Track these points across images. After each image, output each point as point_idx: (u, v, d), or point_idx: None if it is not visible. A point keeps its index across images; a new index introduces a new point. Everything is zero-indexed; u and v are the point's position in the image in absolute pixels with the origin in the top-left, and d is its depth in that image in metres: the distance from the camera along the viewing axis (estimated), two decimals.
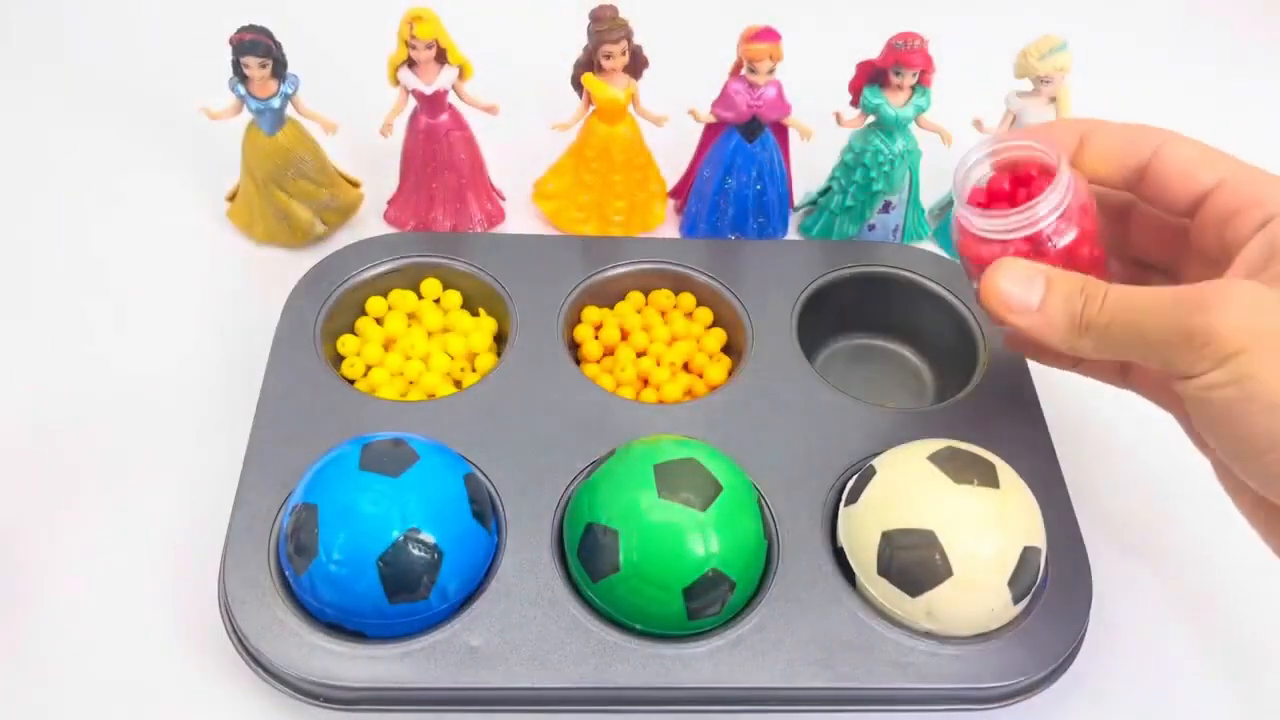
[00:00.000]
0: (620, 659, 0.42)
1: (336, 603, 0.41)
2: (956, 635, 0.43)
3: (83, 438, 0.52)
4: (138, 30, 0.76)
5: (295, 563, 0.42)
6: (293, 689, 0.42)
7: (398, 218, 0.62)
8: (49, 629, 0.46)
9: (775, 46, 0.55)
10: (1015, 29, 0.58)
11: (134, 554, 0.48)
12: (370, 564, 0.40)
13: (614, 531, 0.42)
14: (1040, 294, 0.37)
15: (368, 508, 0.41)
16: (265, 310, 0.55)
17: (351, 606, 0.41)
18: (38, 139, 0.68)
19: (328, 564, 0.41)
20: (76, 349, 0.56)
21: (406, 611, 0.41)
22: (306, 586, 0.42)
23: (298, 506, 0.42)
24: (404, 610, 0.41)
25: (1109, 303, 0.35)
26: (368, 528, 0.41)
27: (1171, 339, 0.33)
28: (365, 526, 0.41)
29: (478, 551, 0.43)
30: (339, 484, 0.42)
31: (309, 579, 0.41)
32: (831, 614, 0.44)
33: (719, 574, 0.42)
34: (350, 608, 0.41)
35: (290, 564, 0.42)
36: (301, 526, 0.42)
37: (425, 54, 0.55)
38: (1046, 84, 0.56)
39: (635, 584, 0.42)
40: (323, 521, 0.41)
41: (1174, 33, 0.84)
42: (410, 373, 0.54)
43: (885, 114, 0.57)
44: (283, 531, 0.43)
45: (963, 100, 0.58)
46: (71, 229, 0.62)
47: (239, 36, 0.53)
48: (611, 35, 0.55)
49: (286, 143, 0.58)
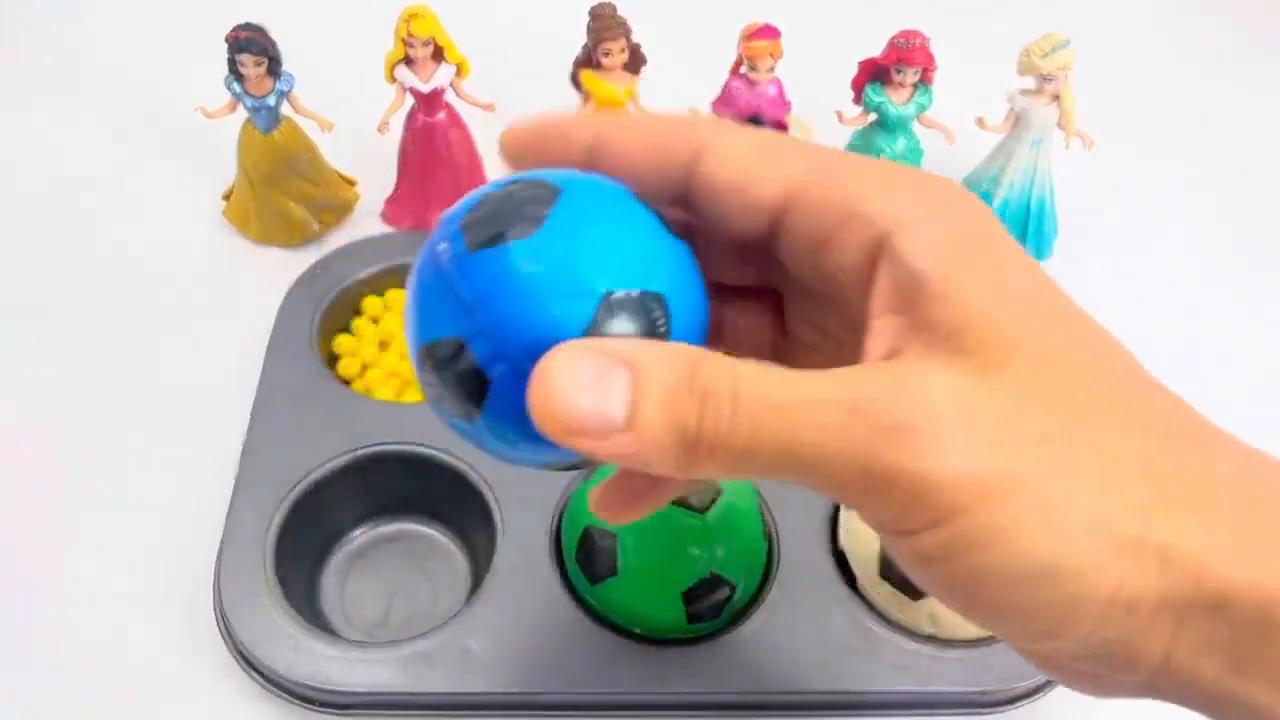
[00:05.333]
0: (619, 663, 0.42)
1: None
2: (959, 639, 0.43)
3: (77, 438, 0.52)
4: (134, 28, 0.76)
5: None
6: (289, 694, 0.42)
7: (395, 217, 0.62)
8: (42, 634, 0.45)
9: (775, 44, 0.54)
10: (1018, 27, 0.58)
11: (127, 556, 0.48)
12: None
13: (612, 534, 0.42)
14: (624, 399, 0.20)
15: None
16: (261, 310, 0.54)
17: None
18: (34, 138, 0.68)
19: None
20: (71, 348, 0.56)
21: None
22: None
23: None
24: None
25: (744, 409, 0.20)
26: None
27: (857, 482, 0.20)
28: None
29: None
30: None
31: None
32: (832, 618, 0.43)
33: (719, 577, 0.41)
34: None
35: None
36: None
37: (422, 51, 0.54)
38: (1049, 82, 0.56)
39: (634, 588, 0.41)
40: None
41: (1176, 31, 0.84)
42: (406, 373, 0.53)
43: (887, 112, 0.57)
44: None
45: (965, 99, 0.58)
46: (67, 228, 0.62)
47: (234, 34, 0.53)
48: (610, 33, 0.54)
49: (282, 141, 0.57)
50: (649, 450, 0.20)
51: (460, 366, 0.22)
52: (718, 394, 0.20)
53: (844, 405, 0.20)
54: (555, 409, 0.20)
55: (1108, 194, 0.65)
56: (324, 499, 0.47)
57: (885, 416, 0.20)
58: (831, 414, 0.20)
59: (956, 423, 0.20)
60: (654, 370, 0.20)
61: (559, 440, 0.20)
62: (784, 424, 0.20)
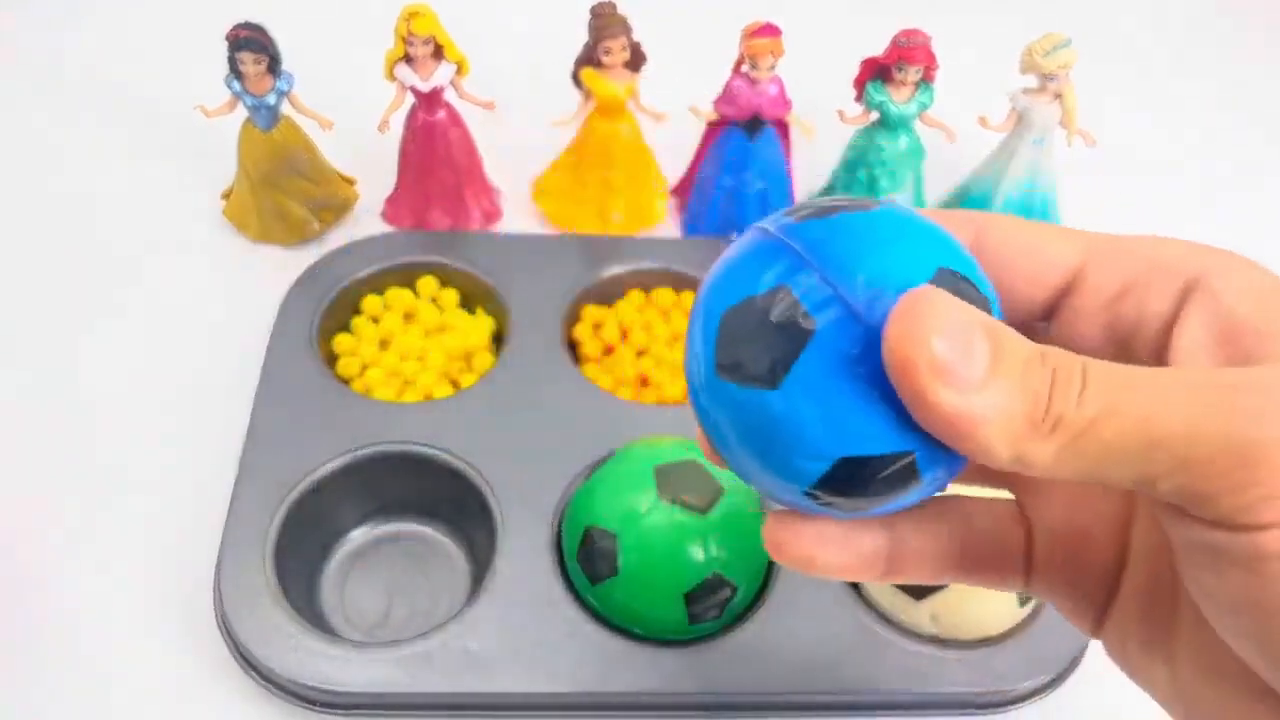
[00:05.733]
0: (620, 664, 0.42)
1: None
2: (961, 640, 0.43)
3: (76, 438, 0.52)
4: (133, 27, 0.75)
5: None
6: (289, 694, 0.41)
7: (395, 216, 0.62)
8: (42, 635, 0.45)
9: (776, 42, 0.54)
10: (1020, 26, 0.58)
11: (127, 556, 0.47)
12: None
13: (613, 534, 0.41)
14: (985, 362, 0.20)
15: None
16: (261, 309, 0.54)
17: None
18: (33, 137, 0.67)
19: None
20: (70, 348, 0.55)
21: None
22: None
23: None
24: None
25: (1094, 384, 0.20)
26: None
27: (1217, 460, 0.19)
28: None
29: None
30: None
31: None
32: (835, 619, 0.43)
33: (720, 578, 0.41)
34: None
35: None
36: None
37: (422, 50, 0.54)
38: (1052, 81, 0.56)
39: (635, 588, 0.41)
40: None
41: (1177, 30, 0.84)
42: (406, 372, 0.53)
43: (889, 111, 0.57)
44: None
45: (967, 97, 0.58)
46: (66, 227, 0.62)
47: (234, 33, 0.53)
48: (611, 31, 0.54)
49: (282, 140, 0.57)
50: (996, 415, 0.19)
51: (779, 314, 0.20)
52: (1069, 370, 0.20)
53: (1205, 383, 0.19)
54: (920, 344, 0.19)
55: (1109, 193, 0.65)
56: (324, 499, 0.47)
57: (1260, 394, 0.19)
58: (1194, 387, 0.19)
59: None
60: (1010, 337, 0.20)
61: (909, 381, 0.19)
62: (1136, 395, 0.19)
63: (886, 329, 0.19)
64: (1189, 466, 0.19)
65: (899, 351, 0.19)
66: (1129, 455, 0.19)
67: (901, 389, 0.19)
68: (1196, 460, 0.19)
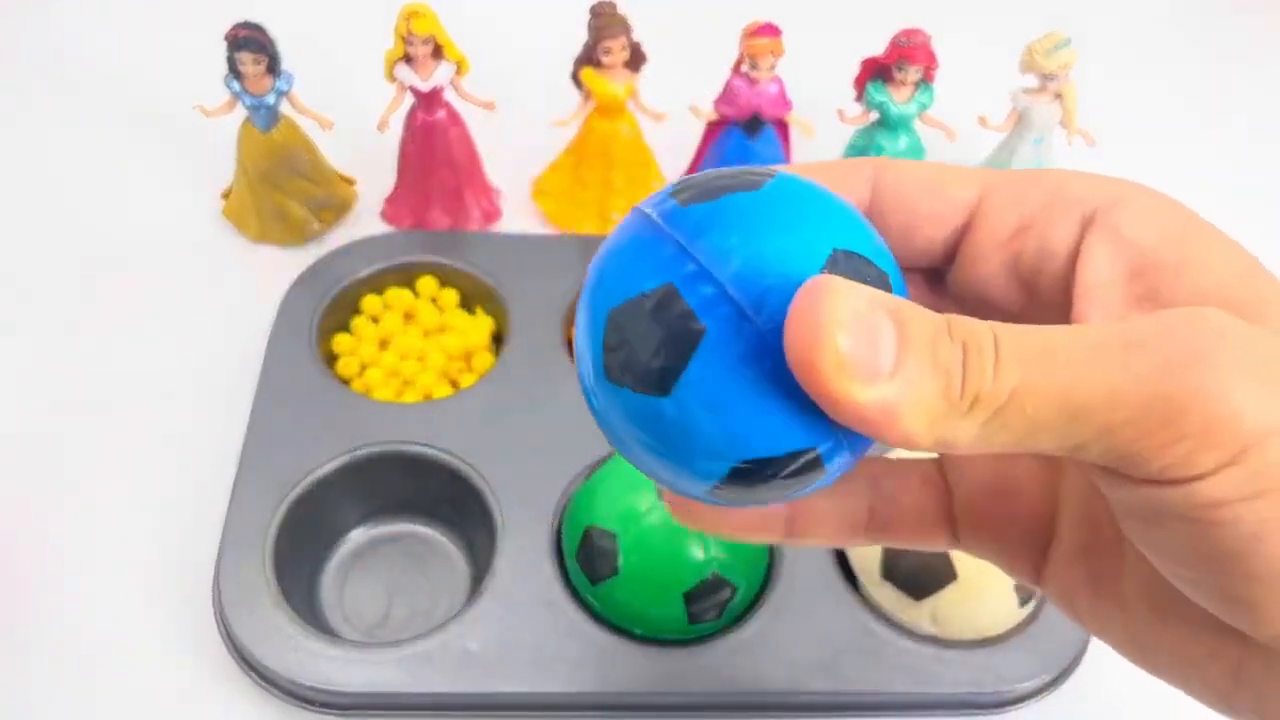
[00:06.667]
0: (620, 663, 0.42)
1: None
2: (961, 640, 0.43)
3: (76, 437, 0.51)
4: (133, 26, 0.75)
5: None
6: (288, 694, 0.41)
7: (395, 215, 0.62)
8: (41, 635, 0.45)
9: (776, 42, 0.54)
10: (1020, 25, 0.58)
11: (127, 556, 0.47)
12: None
13: (613, 534, 0.41)
14: (891, 347, 0.19)
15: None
16: (260, 309, 0.54)
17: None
18: (33, 136, 0.67)
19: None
20: (70, 348, 0.55)
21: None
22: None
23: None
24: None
25: (1007, 354, 0.19)
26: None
27: (1142, 417, 0.18)
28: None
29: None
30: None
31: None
32: (834, 619, 0.43)
33: (720, 578, 0.41)
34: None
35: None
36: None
37: (422, 50, 0.54)
38: (1052, 80, 0.56)
39: (635, 588, 0.41)
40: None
41: (1178, 30, 0.84)
42: (406, 372, 0.53)
43: (889, 110, 0.57)
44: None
45: (967, 97, 0.58)
46: (65, 227, 0.62)
47: (234, 32, 0.53)
48: (611, 31, 0.54)
49: (281, 140, 0.57)
50: (909, 402, 0.18)
51: (666, 316, 0.19)
52: (979, 342, 0.19)
53: (1120, 339, 0.19)
54: (823, 344, 0.18)
55: None
56: (324, 499, 0.47)
57: (1172, 346, 0.18)
58: (1107, 350, 0.18)
59: (1250, 351, 0.18)
60: (913, 315, 0.19)
61: (817, 382, 0.18)
62: (1054, 365, 0.18)
63: (786, 330, 0.18)
64: (1113, 430, 0.18)
65: (802, 355, 0.18)
66: (1052, 426, 0.19)
67: (810, 389, 0.18)
68: (1121, 423, 0.18)
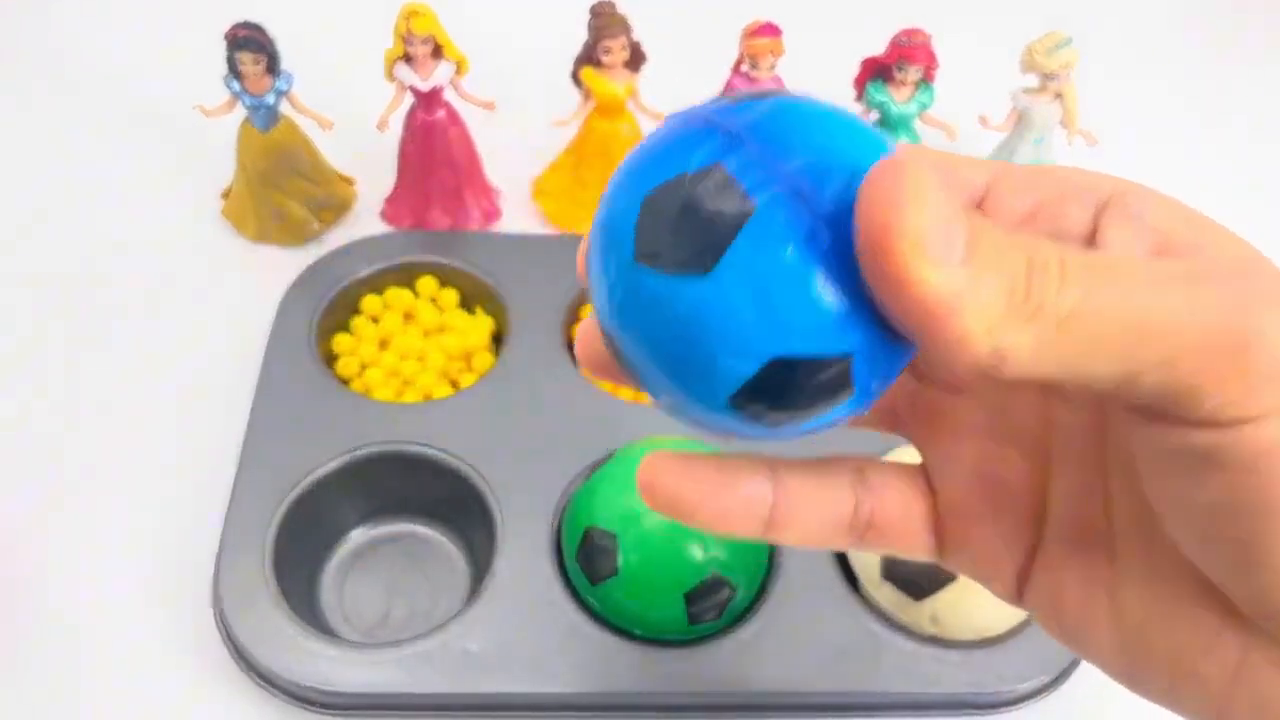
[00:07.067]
0: (620, 664, 0.42)
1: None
2: (961, 640, 0.43)
3: (75, 438, 0.51)
4: (132, 26, 0.75)
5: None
6: (288, 695, 0.41)
7: (395, 215, 0.62)
8: (41, 635, 0.45)
9: (776, 42, 0.54)
10: (1020, 25, 0.58)
11: (127, 556, 0.47)
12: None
13: (613, 535, 0.41)
14: (961, 245, 0.18)
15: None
16: (260, 309, 0.54)
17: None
18: (32, 136, 0.67)
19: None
20: (69, 348, 0.55)
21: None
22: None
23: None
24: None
25: (1073, 270, 0.18)
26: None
27: (1202, 349, 0.18)
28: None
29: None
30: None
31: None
32: (834, 619, 0.43)
33: (720, 578, 0.41)
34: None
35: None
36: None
37: (422, 49, 0.54)
38: (1053, 80, 0.56)
39: (634, 588, 0.41)
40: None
41: (1178, 30, 0.84)
42: (406, 372, 0.53)
43: (889, 110, 0.57)
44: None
45: (967, 97, 0.58)
46: (65, 227, 0.62)
47: (234, 32, 0.53)
48: (611, 30, 0.54)
49: (281, 140, 0.57)
50: (972, 296, 0.17)
51: (713, 191, 0.17)
52: (1045, 255, 0.18)
53: (1185, 273, 0.18)
54: (905, 218, 0.17)
55: None
56: (324, 499, 0.47)
57: (1240, 283, 0.18)
58: (1174, 281, 0.18)
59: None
60: (981, 219, 0.18)
61: (889, 260, 0.17)
62: (1120, 285, 0.18)
63: (860, 204, 0.17)
64: (1174, 361, 0.18)
65: (877, 228, 0.17)
66: (1113, 348, 0.18)
67: (878, 268, 0.17)
68: (1184, 352, 0.18)
